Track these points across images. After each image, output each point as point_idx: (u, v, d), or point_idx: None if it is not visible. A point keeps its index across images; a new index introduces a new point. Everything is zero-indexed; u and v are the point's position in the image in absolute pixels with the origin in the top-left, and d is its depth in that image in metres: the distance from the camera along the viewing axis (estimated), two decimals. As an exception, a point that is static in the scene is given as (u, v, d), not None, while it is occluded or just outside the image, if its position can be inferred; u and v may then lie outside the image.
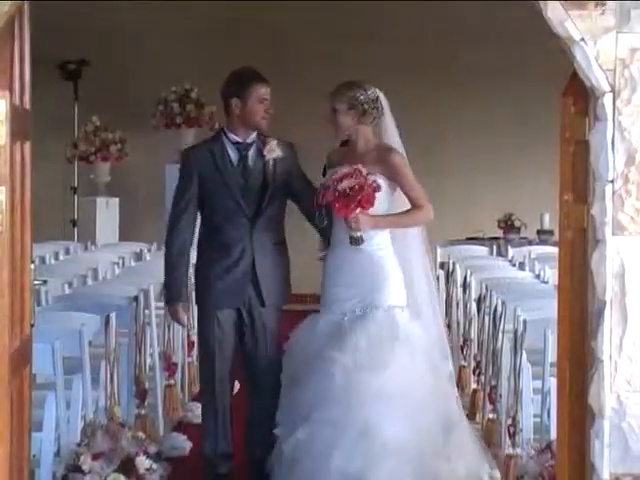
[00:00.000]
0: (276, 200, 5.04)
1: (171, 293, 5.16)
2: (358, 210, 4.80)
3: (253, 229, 4.97)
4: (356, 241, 4.90)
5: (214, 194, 5.00)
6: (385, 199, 5.00)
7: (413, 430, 4.77)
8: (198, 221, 5.16)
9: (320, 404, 4.74)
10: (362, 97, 4.98)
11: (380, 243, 5.05)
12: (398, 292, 5.07)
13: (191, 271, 5.36)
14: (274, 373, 4.98)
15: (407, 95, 8.28)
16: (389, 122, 5.14)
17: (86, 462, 4.27)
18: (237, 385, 5.51)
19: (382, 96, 5.08)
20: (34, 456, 4.28)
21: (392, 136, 5.15)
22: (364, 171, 4.81)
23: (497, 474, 5.10)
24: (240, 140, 5.00)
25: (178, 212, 5.05)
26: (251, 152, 5.00)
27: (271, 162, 4.97)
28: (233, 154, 5.00)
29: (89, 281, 7.83)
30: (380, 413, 4.74)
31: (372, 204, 4.84)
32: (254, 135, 5.01)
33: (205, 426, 5.11)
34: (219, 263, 5.01)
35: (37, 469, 4.39)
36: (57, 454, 4.59)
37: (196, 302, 5.28)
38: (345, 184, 4.74)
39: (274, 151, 4.96)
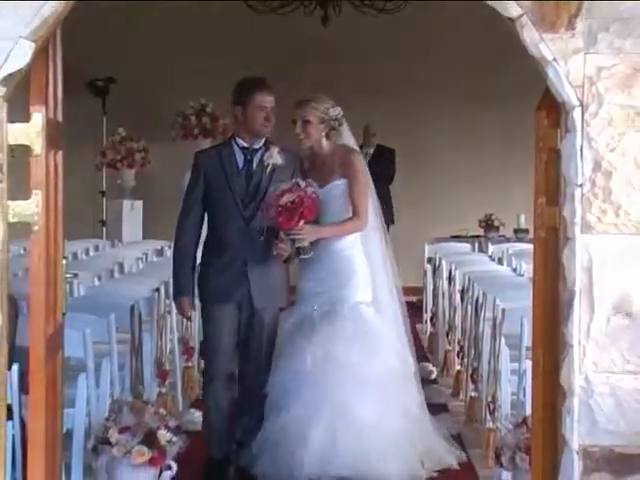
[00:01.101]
0: None
1: (177, 288, 4.89)
2: (302, 222, 4.57)
3: (248, 232, 4.66)
4: (304, 251, 4.67)
5: (218, 195, 4.71)
6: (344, 202, 4.88)
7: (383, 413, 4.69)
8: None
9: (292, 389, 4.62)
10: (333, 113, 4.84)
11: (350, 242, 4.88)
12: (364, 289, 4.90)
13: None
14: (262, 370, 4.73)
15: (402, 105, 8.28)
16: (346, 131, 5.03)
17: (113, 435, 4.27)
18: None
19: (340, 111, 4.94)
20: (67, 430, 4.28)
21: (349, 143, 5.07)
22: (303, 184, 4.62)
23: (463, 456, 5.16)
24: (247, 145, 4.72)
25: (185, 211, 4.81)
26: (256, 157, 4.71)
27: (269, 168, 4.66)
28: (239, 158, 4.72)
29: (116, 274, 7.84)
30: (350, 398, 4.64)
31: (315, 214, 4.65)
32: (262, 141, 4.73)
33: (205, 423, 4.99)
34: (217, 262, 4.74)
35: (70, 441, 4.39)
36: (88, 428, 4.58)
37: (198, 297, 4.96)
38: (285, 199, 4.53)
39: (272, 157, 4.65)
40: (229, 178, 4.68)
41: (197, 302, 5.04)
